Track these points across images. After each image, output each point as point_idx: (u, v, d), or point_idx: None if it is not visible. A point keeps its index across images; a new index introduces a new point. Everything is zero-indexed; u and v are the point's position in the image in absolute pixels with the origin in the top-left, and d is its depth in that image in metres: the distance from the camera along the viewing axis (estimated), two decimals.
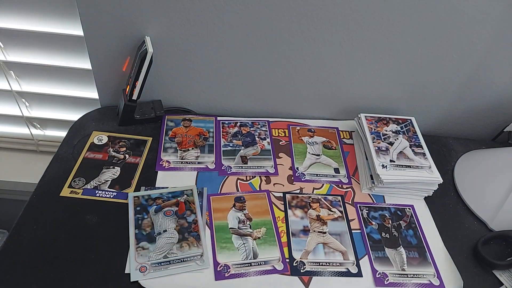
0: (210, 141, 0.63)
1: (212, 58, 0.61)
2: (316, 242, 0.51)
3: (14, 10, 0.61)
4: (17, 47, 0.66)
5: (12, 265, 0.45)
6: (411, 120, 0.64)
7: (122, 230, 0.49)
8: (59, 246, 0.47)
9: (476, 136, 0.72)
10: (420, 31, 0.57)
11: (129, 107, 0.61)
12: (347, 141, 0.66)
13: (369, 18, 0.55)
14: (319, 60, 0.61)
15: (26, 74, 0.70)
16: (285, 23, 0.56)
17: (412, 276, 0.48)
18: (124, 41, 0.58)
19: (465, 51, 0.59)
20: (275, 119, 0.68)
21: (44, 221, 0.49)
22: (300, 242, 0.50)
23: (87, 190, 0.53)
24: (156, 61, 0.58)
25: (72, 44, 0.64)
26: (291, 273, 0.47)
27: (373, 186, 0.57)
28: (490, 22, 0.55)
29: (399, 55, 0.60)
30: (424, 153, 0.59)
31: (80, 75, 0.68)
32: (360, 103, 0.67)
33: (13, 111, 0.76)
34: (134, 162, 0.58)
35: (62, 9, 0.60)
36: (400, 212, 0.56)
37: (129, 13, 0.55)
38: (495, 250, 0.53)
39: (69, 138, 0.61)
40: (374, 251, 0.50)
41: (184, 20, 0.56)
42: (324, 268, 0.48)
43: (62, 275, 0.44)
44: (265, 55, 0.60)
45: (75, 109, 0.75)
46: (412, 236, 0.53)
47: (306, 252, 0.49)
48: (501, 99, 0.66)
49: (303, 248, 0.50)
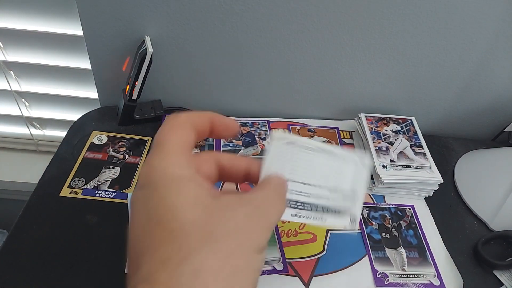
0: (210, 141, 0.62)
1: (212, 57, 0.60)
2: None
3: (14, 10, 0.61)
4: (16, 46, 0.66)
5: (11, 265, 0.44)
6: (412, 120, 0.64)
7: (122, 230, 0.49)
8: (59, 246, 0.47)
9: (476, 136, 0.72)
10: (420, 31, 0.57)
11: (129, 107, 0.61)
12: (348, 141, 0.66)
13: (370, 18, 0.55)
14: (319, 60, 0.61)
15: (25, 74, 0.70)
16: (285, 23, 0.56)
17: (412, 276, 0.48)
18: (123, 41, 0.58)
19: (465, 51, 0.59)
20: (275, 119, 0.68)
21: (43, 221, 0.49)
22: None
23: (86, 190, 0.53)
24: (156, 61, 0.58)
25: (72, 44, 0.64)
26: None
27: (373, 186, 0.57)
28: (491, 22, 0.55)
29: (399, 55, 0.60)
30: (424, 153, 0.59)
31: (80, 75, 0.68)
32: (360, 103, 0.67)
33: (13, 111, 0.76)
34: (134, 162, 0.58)
35: (62, 8, 0.60)
36: (400, 212, 0.56)
37: (129, 13, 0.55)
38: (495, 250, 0.53)
39: (68, 138, 0.60)
40: (374, 251, 0.50)
41: (184, 20, 0.56)
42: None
43: (61, 275, 0.44)
44: (265, 55, 0.60)
45: (75, 109, 0.75)
46: (412, 236, 0.53)
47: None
48: (502, 99, 0.66)
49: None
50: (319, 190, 0.31)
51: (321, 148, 0.32)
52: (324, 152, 0.32)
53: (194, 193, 0.22)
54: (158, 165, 0.23)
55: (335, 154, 0.32)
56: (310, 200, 0.31)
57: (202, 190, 0.23)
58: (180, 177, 0.23)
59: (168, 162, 0.23)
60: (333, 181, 0.32)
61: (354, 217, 0.32)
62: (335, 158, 0.32)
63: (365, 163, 0.33)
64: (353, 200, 0.32)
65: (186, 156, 0.24)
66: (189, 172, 0.23)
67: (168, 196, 0.22)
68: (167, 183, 0.22)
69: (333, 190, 0.32)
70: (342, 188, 0.32)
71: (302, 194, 0.31)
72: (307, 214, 0.31)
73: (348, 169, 0.33)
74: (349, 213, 0.32)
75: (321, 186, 0.31)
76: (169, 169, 0.23)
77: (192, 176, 0.23)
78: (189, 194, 0.22)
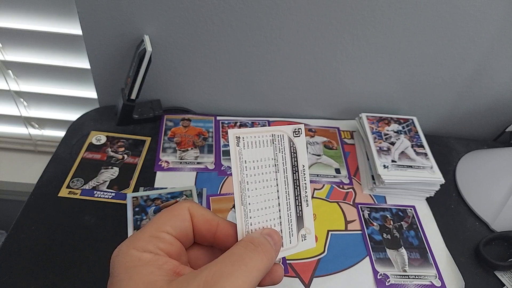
0: (210, 141, 0.62)
1: (211, 57, 0.60)
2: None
3: (12, 9, 0.61)
4: (15, 46, 0.66)
5: (10, 266, 0.44)
6: (413, 120, 0.64)
7: (120, 231, 0.48)
8: (58, 247, 0.46)
9: (477, 136, 0.72)
10: (421, 30, 0.56)
11: (128, 107, 0.60)
12: (348, 141, 0.66)
13: (370, 17, 0.55)
14: (320, 59, 0.60)
15: (24, 73, 0.70)
16: (286, 22, 0.55)
17: (413, 277, 0.48)
18: (122, 40, 0.58)
19: (466, 50, 0.59)
20: (275, 119, 0.68)
21: (42, 221, 0.49)
22: None
23: (85, 191, 0.53)
24: (155, 60, 0.58)
25: (71, 44, 0.63)
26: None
27: (374, 187, 0.57)
28: (492, 21, 0.55)
29: (400, 54, 0.59)
30: (425, 153, 0.58)
31: (79, 75, 0.68)
32: (361, 103, 0.67)
33: (11, 111, 0.75)
34: (132, 163, 0.57)
35: (61, 8, 0.59)
36: (401, 212, 0.55)
37: (128, 12, 0.54)
38: (496, 251, 0.53)
39: (67, 138, 0.60)
40: (375, 252, 0.50)
41: (183, 19, 0.55)
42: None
43: (60, 275, 0.44)
44: (265, 54, 0.60)
45: (73, 109, 0.74)
46: (413, 237, 0.52)
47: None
48: (503, 99, 0.66)
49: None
50: (279, 185, 0.30)
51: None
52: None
53: (147, 278, 0.23)
54: (124, 247, 0.25)
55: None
56: (286, 199, 0.30)
57: (159, 274, 0.24)
58: (138, 261, 0.24)
59: (133, 245, 0.25)
60: (263, 169, 0.30)
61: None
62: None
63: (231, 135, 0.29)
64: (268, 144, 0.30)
65: (157, 239, 0.25)
66: (148, 256, 0.24)
67: (121, 283, 0.23)
68: (122, 268, 0.24)
69: (273, 169, 0.30)
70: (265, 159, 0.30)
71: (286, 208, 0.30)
72: (304, 197, 0.30)
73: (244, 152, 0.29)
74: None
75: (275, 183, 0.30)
76: (130, 252, 0.24)
77: (150, 260, 0.24)
78: (141, 280, 0.23)
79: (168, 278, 0.23)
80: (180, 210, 0.27)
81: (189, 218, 0.27)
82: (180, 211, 0.27)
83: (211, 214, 0.28)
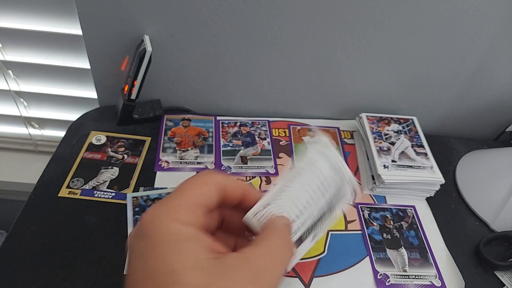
0: (210, 141, 0.62)
1: (211, 57, 0.60)
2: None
3: (12, 9, 0.61)
4: (15, 46, 0.66)
5: (10, 266, 0.44)
6: (413, 120, 0.64)
7: (120, 231, 0.48)
8: (58, 247, 0.46)
9: (478, 136, 0.72)
10: (421, 30, 0.56)
11: (128, 107, 0.60)
12: (348, 141, 0.66)
13: (371, 17, 0.55)
14: (320, 59, 0.60)
15: (24, 73, 0.70)
16: (286, 22, 0.55)
17: (413, 277, 0.48)
18: (123, 40, 0.58)
19: (466, 50, 0.59)
20: (275, 119, 0.68)
21: (42, 221, 0.49)
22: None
23: (85, 191, 0.53)
24: (155, 60, 0.58)
25: (71, 44, 0.63)
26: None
27: (374, 187, 0.57)
28: (492, 21, 0.55)
29: (400, 54, 0.59)
30: (426, 153, 0.58)
31: (79, 75, 0.68)
32: (361, 103, 0.67)
33: (11, 111, 0.75)
34: (132, 162, 0.57)
35: (61, 8, 0.59)
36: (401, 212, 0.55)
37: (128, 12, 0.54)
38: (497, 251, 0.53)
39: (67, 138, 0.60)
40: (376, 252, 0.50)
41: (183, 19, 0.55)
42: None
43: (60, 275, 0.44)
44: (265, 54, 0.59)
45: (73, 109, 0.74)
46: (413, 237, 0.52)
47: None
48: (503, 98, 0.66)
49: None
50: (315, 206, 0.31)
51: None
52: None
53: (194, 254, 0.22)
54: (163, 216, 0.23)
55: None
56: (311, 221, 0.31)
57: (203, 251, 0.23)
58: (180, 234, 0.23)
59: (173, 216, 0.24)
60: (320, 185, 0.32)
61: (352, 187, 0.33)
62: (305, 161, 0.32)
63: (323, 143, 0.33)
64: (339, 176, 0.32)
65: (194, 213, 0.25)
66: (191, 230, 0.23)
67: (167, 255, 0.22)
68: (167, 240, 0.22)
69: (323, 191, 0.32)
70: (327, 181, 0.32)
71: (304, 225, 0.31)
72: (315, 234, 0.31)
73: (320, 161, 0.32)
74: (343, 190, 0.32)
75: (316, 201, 0.31)
76: (171, 224, 0.23)
77: (193, 235, 0.23)
78: (189, 255, 0.22)
79: (209, 256, 0.23)
80: (210, 185, 0.27)
81: (216, 193, 0.27)
82: (210, 186, 0.27)
83: (238, 184, 0.29)
